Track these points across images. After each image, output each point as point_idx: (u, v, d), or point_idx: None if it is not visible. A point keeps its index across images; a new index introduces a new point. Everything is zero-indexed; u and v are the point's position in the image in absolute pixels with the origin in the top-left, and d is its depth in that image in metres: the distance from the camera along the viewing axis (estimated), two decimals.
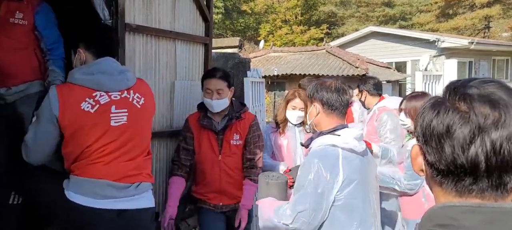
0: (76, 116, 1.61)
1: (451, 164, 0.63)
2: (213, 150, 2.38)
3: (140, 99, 1.79)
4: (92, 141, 1.62)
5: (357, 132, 1.61)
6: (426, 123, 0.66)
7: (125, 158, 1.70)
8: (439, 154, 0.64)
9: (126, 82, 1.77)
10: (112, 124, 1.66)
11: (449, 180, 0.65)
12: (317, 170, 1.49)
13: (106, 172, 1.64)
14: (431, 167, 0.67)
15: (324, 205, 1.49)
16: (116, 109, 1.69)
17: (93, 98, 1.65)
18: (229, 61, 3.86)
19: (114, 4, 2.45)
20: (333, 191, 1.49)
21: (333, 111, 1.62)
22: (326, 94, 1.62)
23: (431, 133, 0.65)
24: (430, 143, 0.65)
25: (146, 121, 1.83)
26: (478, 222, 0.60)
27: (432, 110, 0.66)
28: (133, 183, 1.70)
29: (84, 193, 1.60)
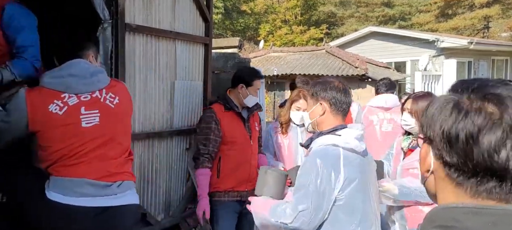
0: (45, 119, 1.60)
1: (478, 166, 0.61)
2: (245, 136, 2.56)
3: (113, 98, 1.75)
4: (64, 144, 1.61)
5: (358, 132, 1.61)
6: (449, 125, 0.63)
7: (105, 157, 1.68)
8: (465, 157, 0.62)
9: (97, 84, 1.73)
10: (83, 125, 1.64)
11: (471, 182, 0.63)
12: (318, 169, 1.49)
13: (84, 171, 1.63)
14: (450, 168, 0.65)
15: (325, 205, 1.49)
16: (86, 110, 1.66)
17: (61, 100, 1.63)
18: (229, 61, 3.87)
19: (114, 4, 2.46)
20: (335, 191, 1.48)
21: (340, 112, 1.63)
22: (336, 94, 1.62)
23: (456, 136, 0.62)
24: (454, 145, 0.63)
25: (121, 120, 1.79)
26: (481, 224, 0.60)
27: (456, 113, 0.63)
28: (115, 181, 1.69)
29: (64, 192, 1.60)
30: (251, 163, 2.59)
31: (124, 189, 1.73)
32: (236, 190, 2.52)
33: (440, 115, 0.66)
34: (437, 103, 0.68)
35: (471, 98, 0.64)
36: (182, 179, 3.12)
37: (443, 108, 0.66)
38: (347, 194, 1.50)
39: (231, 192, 2.51)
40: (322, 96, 1.64)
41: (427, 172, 0.71)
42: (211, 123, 2.48)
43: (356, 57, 11.43)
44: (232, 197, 2.52)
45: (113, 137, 1.72)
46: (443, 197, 0.68)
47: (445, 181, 0.67)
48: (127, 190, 1.75)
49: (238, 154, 2.50)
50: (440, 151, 0.66)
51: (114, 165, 1.71)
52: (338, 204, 1.50)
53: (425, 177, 0.72)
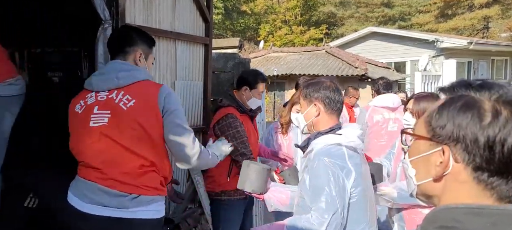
0: (71, 118, 1.68)
1: (503, 168, 0.62)
2: (255, 137, 2.65)
3: (129, 101, 1.61)
4: (77, 142, 1.64)
5: (359, 131, 1.62)
6: (494, 132, 0.62)
7: (116, 163, 1.58)
8: (509, 162, 0.62)
9: (116, 81, 1.64)
10: (90, 125, 1.59)
11: (509, 187, 0.63)
12: (332, 169, 1.48)
13: (96, 175, 1.59)
14: (483, 172, 0.64)
15: (346, 203, 1.49)
16: (99, 110, 1.61)
17: (84, 100, 1.66)
18: (229, 61, 3.87)
19: (115, 5, 2.46)
20: (348, 189, 1.49)
21: (335, 111, 1.63)
22: (329, 94, 1.62)
23: (502, 143, 0.62)
24: (497, 152, 0.62)
25: (135, 125, 1.60)
26: (481, 225, 0.60)
27: (492, 119, 0.63)
28: (130, 193, 1.57)
29: (78, 195, 1.60)
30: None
31: (140, 204, 1.59)
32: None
33: (472, 119, 0.64)
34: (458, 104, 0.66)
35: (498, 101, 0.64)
36: (182, 179, 3.12)
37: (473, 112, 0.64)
38: (357, 192, 1.51)
39: (239, 190, 2.55)
40: (316, 97, 1.63)
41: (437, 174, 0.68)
42: (239, 126, 2.50)
43: (356, 58, 11.44)
44: (240, 195, 2.55)
45: (125, 141, 1.59)
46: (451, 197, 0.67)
47: (467, 184, 0.66)
48: (144, 205, 1.60)
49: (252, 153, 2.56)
50: (473, 156, 0.64)
51: (129, 175, 1.58)
52: (351, 201, 1.50)
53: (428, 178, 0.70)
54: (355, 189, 1.50)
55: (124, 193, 1.56)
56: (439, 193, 0.69)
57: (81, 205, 1.58)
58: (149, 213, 1.63)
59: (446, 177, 0.67)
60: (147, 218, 1.62)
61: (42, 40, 3.48)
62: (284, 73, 11.03)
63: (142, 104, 1.62)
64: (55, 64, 3.61)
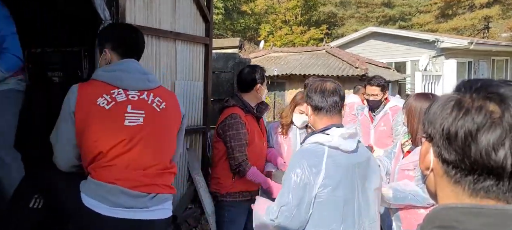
0: (91, 111, 1.57)
1: (475, 164, 0.62)
2: (260, 138, 2.59)
3: (161, 103, 1.69)
4: (104, 139, 1.55)
5: (346, 131, 1.63)
6: (449, 122, 0.64)
7: (141, 164, 1.59)
8: (463, 154, 0.63)
9: (147, 83, 1.70)
10: (126, 124, 1.58)
11: (469, 180, 0.64)
12: (300, 165, 1.54)
13: (119, 176, 1.55)
14: (448, 165, 0.66)
15: (306, 200, 1.53)
16: (132, 109, 1.62)
17: (110, 95, 1.60)
18: (229, 61, 3.87)
19: (115, 5, 2.46)
20: (315, 187, 1.53)
21: (320, 112, 1.67)
22: (313, 96, 1.69)
23: (455, 133, 0.63)
24: (453, 143, 0.64)
25: (165, 127, 1.69)
26: (480, 225, 0.59)
27: (457, 110, 0.64)
28: (149, 193, 1.59)
29: (97, 198, 1.54)
30: (263, 163, 2.64)
31: (158, 202, 1.62)
32: (248, 190, 2.55)
33: (441, 112, 0.66)
34: (439, 102, 0.68)
35: (473, 97, 0.64)
36: (183, 179, 3.12)
37: (445, 106, 0.66)
38: (328, 192, 1.53)
39: (244, 192, 2.55)
40: (306, 99, 1.73)
41: (427, 170, 0.71)
42: (241, 128, 2.47)
43: (356, 58, 11.43)
44: (245, 197, 2.55)
45: (154, 141, 1.63)
46: (443, 195, 0.68)
47: (443, 179, 0.68)
48: (160, 203, 1.64)
49: (254, 156, 2.52)
50: (440, 148, 0.66)
51: (150, 175, 1.61)
52: (319, 200, 1.53)
53: (425, 174, 0.73)
54: (324, 189, 1.52)
55: (144, 193, 1.59)
56: (435, 190, 0.71)
57: (101, 208, 1.53)
58: (165, 212, 1.69)
59: (433, 173, 0.70)
60: (164, 218, 1.68)
61: (42, 40, 3.48)
62: (284, 73, 11.03)
63: (171, 108, 1.73)
64: (55, 64, 3.61)
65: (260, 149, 2.60)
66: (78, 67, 3.54)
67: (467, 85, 0.67)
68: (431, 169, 0.70)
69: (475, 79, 0.68)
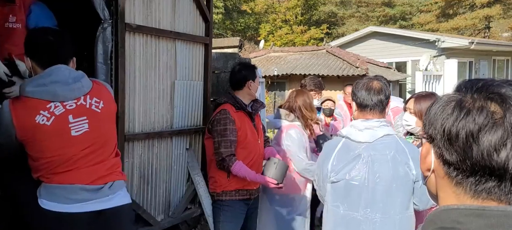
0: (32, 130, 1.58)
1: (477, 165, 0.61)
2: (254, 135, 2.58)
3: (98, 103, 1.74)
4: (55, 153, 1.59)
5: (363, 123, 1.76)
6: (451, 123, 0.63)
7: (95, 161, 1.68)
8: (464, 155, 0.62)
9: (81, 89, 1.70)
10: (72, 134, 1.63)
11: (470, 181, 0.63)
12: (323, 152, 1.91)
13: (77, 178, 1.62)
14: (450, 167, 0.65)
15: (320, 180, 1.86)
16: (74, 119, 1.65)
17: (48, 110, 1.60)
18: (229, 61, 3.86)
19: (114, 4, 2.46)
20: (326, 168, 1.80)
21: (365, 109, 1.78)
22: (359, 93, 1.79)
23: (456, 134, 0.62)
24: (454, 144, 0.62)
25: (108, 123, 1.78)
26: (482, 226, 0.59)
27: (458, 111, 0.63)
28: (105, 183, 1.68)
29: (57, 200, 1.59)
30: (259, 161, 2.60)
31: (116, 189, 1.72)
32: (245, 188, 2.53)
33: (442, 113, 0.65)
34: (440, 102, 0.67)
35: (474, 97, 0.63)
36: (182, 179, 3.11)
37: (446, 106, 0.65)
38: (333, 174, 1.76)
39: (241, 190, 2.53)
40: (353, 95, 1.85)
41: (427, 171, 0.70)
42: (229, 123, 2.47)
43: (356, 57, 11.41)
44: (242, 195, 2.54)
45: (103, 140, 1.72)
46: (444, 196, 0.67)
47: (444, 180, 0.67)
48: (118, 190, 1.74)
49: (248, 153, 2.51)
50: (441, 149, 0.65)
51: (105, 167, 1.70)
52: (330, 181, 1.78)
53: (426, 176, 0.72)
54: (332, 172, 1.78)
55: (102, 185, 1.68)
56: (436, 191, 0.70)
57: (63, 207, 1.59)
58: (126, 197, 1.78)
59: (434, 174, 0.69)
60: (126, 203, 1.77)
61: None
62: (285, 73, 11.01)
63: (108, 103, 1.79)
64: None
65: (254, 146, 2.57)
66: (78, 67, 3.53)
67: (468, 85, 0.66)
68: (432, 170, 0.69)
69: (476, 79, 0.67)
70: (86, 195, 1.63)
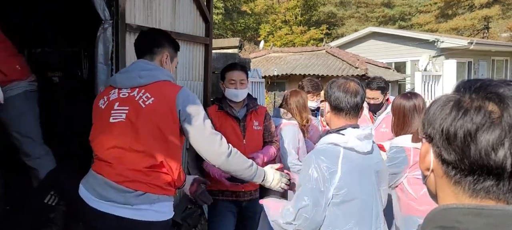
0: (94, 113, 1.73)
1: (475, 165, 0.61)
2: (237, 136, 2.49)
3: (148, 99, 1.63)
4: (94, 136, 1.68)
5: (362, 132, 1.60)
6: (449, 123, 0.64)
7: (126, 160, 1.58)
8: (462, 154, 0.62)
9: (138, 79, 1.67)
10: (110, 121, 1.63)
11: (469, 180, 0.63)
12: (316, 167, 1.52)
13: (106, 169, 1.60)
14: (448, 166, 0.65)
15: (323, 201, 1.51)
16: (119, 106, 1.64)
17: (107, 96, 1.70)
18: (229, 61, 3.86)
19: (115, 5, 2.46)
20: (331, 188, 1.51)
21: (340, 112, 1.63)
22: (334, 94, 1.63)
23: (455, 133, 0.63)
24: (452, 143, 0.63)
25: (151, 123, 1.61)
26: (482, 225, 0.59)
27: (456, 111, 0.63)
28: (135, 190, 1.55)
29: (86, 187, 1.64)
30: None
31: (144, 201, 1.57)
32: (231, 190, 2.47)
33: (440, 113, 0.66)
34: (438, 102, 0.68)
35: (473, 97, 0.64)
36: None
37: (444, 106, 0.66)
38: (344, 193, 1.52)
39: (225, 191, 2.49)
40: (326, 96, 1.68)
41: (427, 171, 0.71)
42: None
43: (356, 58, 11.43)
44: (227, 196, 2.50)
45: (136, 138, 1.59)
46: (443, 196, 0.68)
47: (443, 179, 0.67)
48: (150, 203, 1.58)
49: None
50: (439, 149, 0.66)
51: (135, 172, 1.57)
52: (334, 201, 1.52)
53: (425, 175, 0.72)
54: (340, 190, 1.51)
55: (130, 189, 1.55)
56: (435, 191, 0.71)
57: (90, 199, 1.60)
58: (153, 214, 1.59)
59: (433, 173, 0.70)
60: (151, 220, 1.58)
61: (41, 40, 3.47)
62: (284, 73, 11.02)
63: (160, 104, 1.63)
64: (55, 64, 3.61)
65: (238, 148, 2.43)
66: (78, 67, 3.54)
67: (466, 85, 0.66)
68: (431, 170, 0.70)
69: (475, 79, 0.68)
70: (110, 193, 1.55)
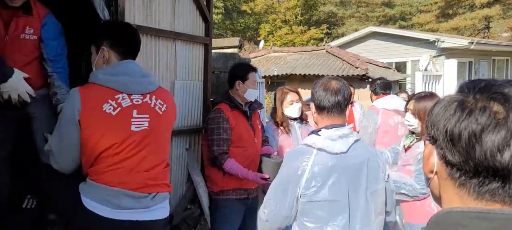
0: (97, 117, 1.58)
1: (480, 166, 0.60)
2: (250, 134, 2.57)
3: (162, 105, 1.72)
4: (109, 145, 1.58)
5: (336, 132, 1.59)
6: (453, 124, 0.62)
7: (144, 166, 1.64)
8: (467, 156, 0.61)
9: (148, 86, 1.72)
10: (132, 129, 1.62)
11: (474, 182, 0.62)
12: (287, 165, 1.60)
13: (123, 179, 1.59)
14: (452, 168, 0.64)
15: (287, 200, 1.55)
16: (138, 114, 1.64)
17: (116, 101, 1.61)
18: (229, 61, 3.86)
19: (114, 4, 2.45)
20: (299, 187, 1.54)
21: (322, 111, 1.64)
22: (316, 94, 1.65)
23: (459, 134, 0.61)
24: (457, 144, 0.62)
25: (166, 129, 1.76)
26: (486, 229, 0.58)
27: (460, 111, 0.62)
28: (150, 193, 1.64)
29: (100, 201, 1.57)
30: (256, 160, 2.58)
31: (158, 201, 1.68)
32: (243, 187, 2.52)
33: (444, 114, 0.65)
34: (442, 103, 0.67)
35: (477, 97, 0.63)
36: (182, 179, 3.11)
37: (448, 107, 0.65)
38: (312, 193, 1.53)
39: (238, 190, 2.52)
40: (312, 96, 1.70)
41: (430, 173, 0.69)
42: (222, 122, 2.48)
43: (356, 58, 11.41)
44: (239, 194, 2.53)
45: (157, 144, 1.68)
46: (447, 198, 0.67)
47: (447, 181, 0.66)
48: (160, 202, 1.70)
49: (244, 152, 2.50)
50: (443, 150, 0.65)
51: (152, 175, 1.66)
52: (303, 200, 1.54)
53: (429, 178, 0.71)
54: (308, 190, 1.53)
55: (145, 194, 1.63)
56: (439, 193, 0.69)
57: (103, 210, 1.56)
58: (165, 211, 1.73)
59: (437, 176, 0.68)
60: (163, 218, 1.72)
61: None
62: (284, 73, 11.01)
63: (172, 110, 1.78)
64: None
65: (251, 145, 2.55)
66: (77, 67, 3.52)
67: (470, 85, 0.65)
68: (435, 172, 0.68)
69: (478, 79, 0.67)
70: (128, 202, 1.58)
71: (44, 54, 2.19)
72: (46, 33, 2.19)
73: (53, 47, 2.19)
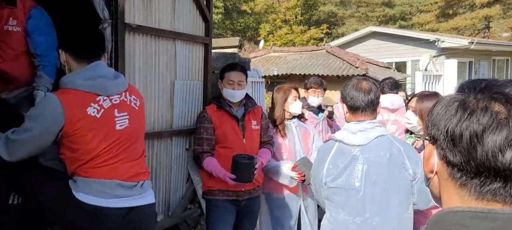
0: (81, 121, 1.62)
1: (481, 167, 0.60)
2: (237, 135, 2.53)
3: (136, 101, 1.85)
4: (97, 145, 1.65)
5: (356, 126, 1.72)
6: (454, 124, 0.62)
7: (130, 158, 1.77)
8: (468, 156, 0.61)
9: (122, 86, 1.82)
10: (117, 128, 1.72)
11: (475, 183, 0.62)
12: (317, 158, 1.88)
13: (114, 173, 1.69)
14: (453, 168, 0.64)
15: (317, 183, 1.81)
16: (119, 113, 1.75)
17: (97, 103, 1.68)
18: (229, 61, 3.85)
19: (114, 4, 2.45)
20: (321, 174, 1.76)
21: (357, 111, 1.75)
22: (349, 94, 1.75)
23: (460, 134, 0.61)
24: (458, 145, 0.61)
25: (143, 122, 1.93)
26: (488, 229, 0.58)
27: (461, 111, 0.62)
28: (138, 181, 1.77)
29: (95, 194, 1.65)
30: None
31: (146, 188, 1.82)
32: (231, 189, 2.48)
33: (445, 113, 0.64)
34: (442, 103, 0.66)
35: (478, 97, 0.62)
36: (182, 179, 3.11)
37: (448, 107, 0.64)
38: (330, 180, 1.72)
39: (225, 191, 2.49)
40: (342, 96, 1.80)
41: (431, 173, 0.69)
42: (203, 122, 2.54)
43: (356, 57, 11.41)
44: (227, 196, 2.50)
45: (138, 137, 1.83)
46: (447, 198, 0.66)
47: (448, 181, 0.66)
48: (148, 189, 1.84)
49: (230, 152, 2.44)
50: (444, 151, 0.64)
51: (138, 165, 1.81)
52: (325, 187, 1.75)
53: (429, 178, 0.70)
54: (327, 177, 1.73)
55: (135, 182, 1.76)
56: (439, 193, 0.69)
57: (100, 201, 1.65)
58: (152, 196, 1.87)
59: (438, 175, 0.68)
60: (152, 202, 1.85)
61: None
62: (284, 73, 11.00)
63: (142, 103, 1.91)
64: None
65: (239, 146, 2.50)
66: None
67: (471, 85, 0.65)
68: (435, 172, 0.68)
69: (479, 79, 0.67)
70: (121, 191, 1.70)
71: (31, 49, 2.18)
72: (32, 27, 2.16)
73: (39, 42, 2.17)
